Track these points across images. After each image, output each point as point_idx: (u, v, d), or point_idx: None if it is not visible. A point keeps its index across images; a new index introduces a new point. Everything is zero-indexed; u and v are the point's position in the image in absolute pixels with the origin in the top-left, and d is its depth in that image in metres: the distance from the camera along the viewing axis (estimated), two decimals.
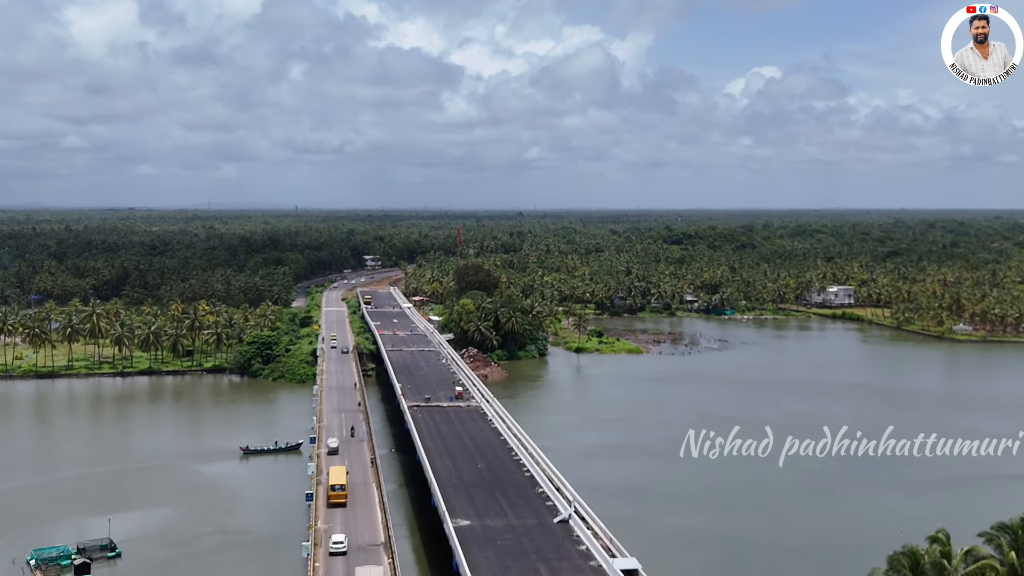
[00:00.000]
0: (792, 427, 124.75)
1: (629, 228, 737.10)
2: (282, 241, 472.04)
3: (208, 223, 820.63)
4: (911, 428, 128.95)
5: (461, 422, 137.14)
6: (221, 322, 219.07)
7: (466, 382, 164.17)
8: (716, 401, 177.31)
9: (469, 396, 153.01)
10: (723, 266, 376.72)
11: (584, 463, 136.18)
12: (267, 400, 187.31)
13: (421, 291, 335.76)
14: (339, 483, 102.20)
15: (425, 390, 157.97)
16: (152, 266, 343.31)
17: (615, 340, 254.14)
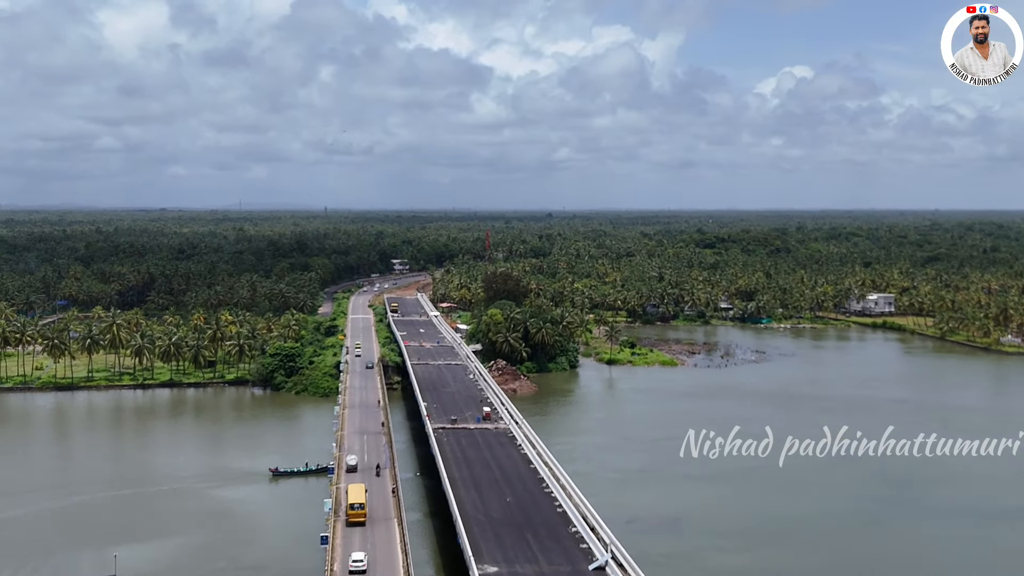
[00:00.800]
0: (794, 429, 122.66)
1: (660, 230, 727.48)
2: (310, 245, 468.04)
3: (238, 224, 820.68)
4: (911, 428, 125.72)
5: (489, 447, 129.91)
6: (244, 333, 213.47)
7: (494, 400, 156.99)
8: (757, 420, 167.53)
9: (497, 417, 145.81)
10: (758, 272, 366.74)
11: (618, 490, 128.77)
12: (290, 415, 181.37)
13: (449, 298, 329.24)
14: (358, 502, 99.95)
15: (451, 409, 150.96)
16: (178, 271, 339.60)
17: (648, 351, 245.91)
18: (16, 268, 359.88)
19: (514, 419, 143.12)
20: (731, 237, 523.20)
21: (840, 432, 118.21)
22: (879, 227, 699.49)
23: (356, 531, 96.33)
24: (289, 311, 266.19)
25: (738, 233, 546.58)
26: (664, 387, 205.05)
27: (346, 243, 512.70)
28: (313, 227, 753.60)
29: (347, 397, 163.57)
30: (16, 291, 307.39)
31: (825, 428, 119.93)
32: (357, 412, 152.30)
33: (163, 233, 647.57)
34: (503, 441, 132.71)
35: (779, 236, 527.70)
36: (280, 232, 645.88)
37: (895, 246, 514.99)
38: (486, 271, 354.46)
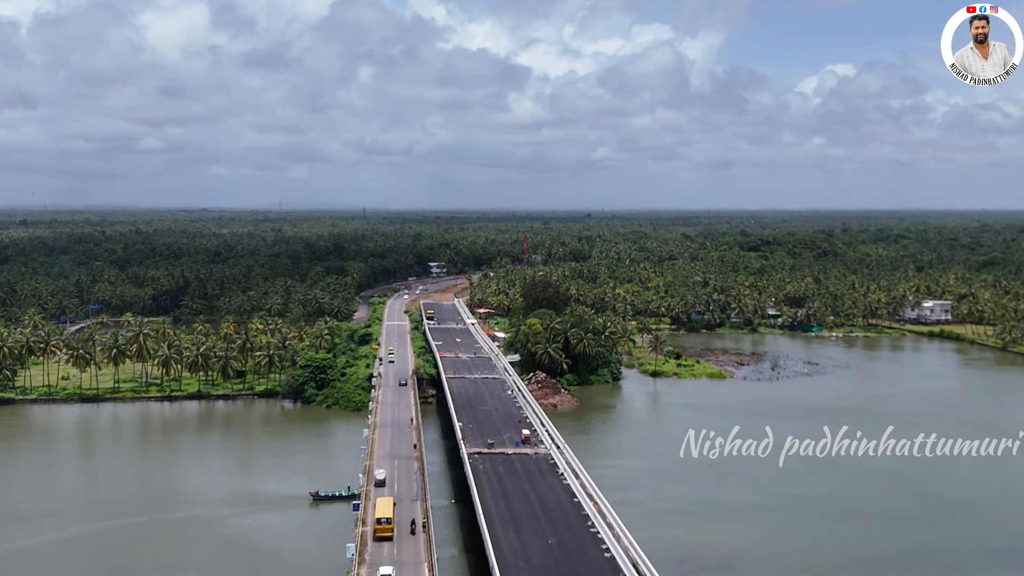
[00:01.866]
0: (797, 431, 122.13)
1: (701, 231, 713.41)
2: (347, 248, 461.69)
3: (277, 225, 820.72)
4: (911, 428, 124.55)
5: (528, 476, 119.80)
6: (274, 343, 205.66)
7: (534, 420, 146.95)
8: (818, 442, 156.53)
9: (537, 440, 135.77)
10: (807, 277, 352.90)
11: (670, 523, 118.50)
12: (322, 431, 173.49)
13: (486, 303, 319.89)
14: (385, 516, 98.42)
15: (488, 431, 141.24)
16: (212, 275, 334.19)
17: (694, 362, 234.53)
18: (52, 271, 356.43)
19: (555, 443, 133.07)
20: (776, 239, 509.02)
21: (840, 432, 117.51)
22: (927, 228, 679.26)
23: (384, 546, 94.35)
24: (323, 318, 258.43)
25: (783, 235, 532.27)
26: (713, 402, 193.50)
27: (383, 245, 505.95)
28: (351, 228, 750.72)
29: (378, 415, 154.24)
30: (49, 296, 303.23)
31: (825, 428, 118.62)
32: (388, 433, 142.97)
33: (202, 234, 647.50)
34: (544, 469, 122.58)
35: (826, 238, 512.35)
36: (318, 233, 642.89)
37: (946, 249, 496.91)
38: (524, 276, 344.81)
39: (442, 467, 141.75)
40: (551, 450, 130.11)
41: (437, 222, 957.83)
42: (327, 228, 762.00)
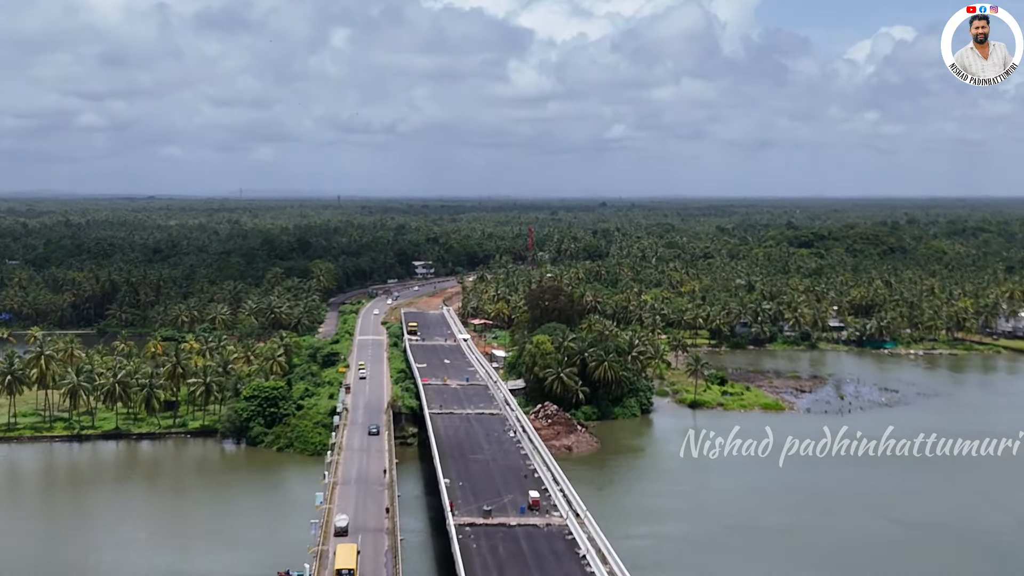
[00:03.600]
0: (794, 429, 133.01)
1: (738, 223, 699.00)
2: (313, 244, 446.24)
3: (235, 215, 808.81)
4: (910, 428, 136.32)
5: (538, 559, 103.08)
6: (212, 367, 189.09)
7: (544, 475, 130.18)
8: (922, 503, 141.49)
9: (549, 505, 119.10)
10: (876, 280, 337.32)
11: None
12: (271, 483, 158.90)
13: (482, 312, 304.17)
14: (347, 567, 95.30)
15: (484, 491, 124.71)
16: (147, 278, 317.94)
17: (743, 389, 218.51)
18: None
19: (573, 507, 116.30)
20: (832, 233, 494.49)
21: (840, 432, 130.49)
22: (1008, 220, 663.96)
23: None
24: (279, 332, 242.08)
25: (840, 228, 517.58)
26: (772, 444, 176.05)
27: (359, 240, 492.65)
28: (323, 219, 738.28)
29: (340, 467, 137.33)
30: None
31: (825, 428, 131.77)
32: (352, 494, 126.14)
33: (144, 227, 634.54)
34: (559, 549, 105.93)
35: (891, 232, 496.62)
36: (282, 226, 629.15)
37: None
38: (529, 279, 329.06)
39: (425, 536, 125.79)
40: (567, 518, 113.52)
41: (425, 212, 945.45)
42: (294, 219, 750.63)
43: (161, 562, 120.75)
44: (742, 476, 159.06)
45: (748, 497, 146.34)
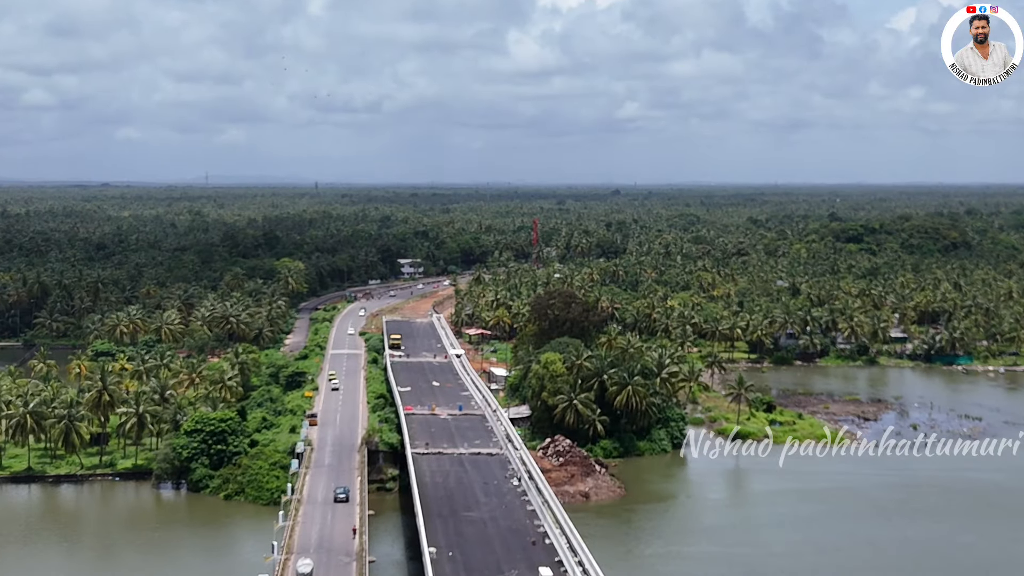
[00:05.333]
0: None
1: (772, 215, 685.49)
2: (282, 239, 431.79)
3: (198, 205, 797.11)
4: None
5: None
6: (147, 393, 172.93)
7: (558, 544, 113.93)
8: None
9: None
10: (943, 282, 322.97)
11: None
12: (217, 541, 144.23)
13: (479, 320, 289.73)
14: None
15: (481, 565, 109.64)
16: (82, 280, 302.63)
17: (795, 417, 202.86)
18: None
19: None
20: (884, 226, 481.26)
21: (840, 432, 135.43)
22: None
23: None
24: (237, 346, 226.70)
25: (893, 221, 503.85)
26: (834, 490, 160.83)
27: (336, 235, 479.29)
28: (297, 209, 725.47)
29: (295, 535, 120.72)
30: None
31: (825, 428, 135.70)
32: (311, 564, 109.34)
33: (93, 218, 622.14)
34: None
35: (952, 225, 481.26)
36: (250, 217, 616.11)
37: None
38: (534, 282, 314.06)
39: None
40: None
41: (414, 201, 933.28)
42: (265, 209, 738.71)
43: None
44: (801, 531, 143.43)
45: (815, 561, 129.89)
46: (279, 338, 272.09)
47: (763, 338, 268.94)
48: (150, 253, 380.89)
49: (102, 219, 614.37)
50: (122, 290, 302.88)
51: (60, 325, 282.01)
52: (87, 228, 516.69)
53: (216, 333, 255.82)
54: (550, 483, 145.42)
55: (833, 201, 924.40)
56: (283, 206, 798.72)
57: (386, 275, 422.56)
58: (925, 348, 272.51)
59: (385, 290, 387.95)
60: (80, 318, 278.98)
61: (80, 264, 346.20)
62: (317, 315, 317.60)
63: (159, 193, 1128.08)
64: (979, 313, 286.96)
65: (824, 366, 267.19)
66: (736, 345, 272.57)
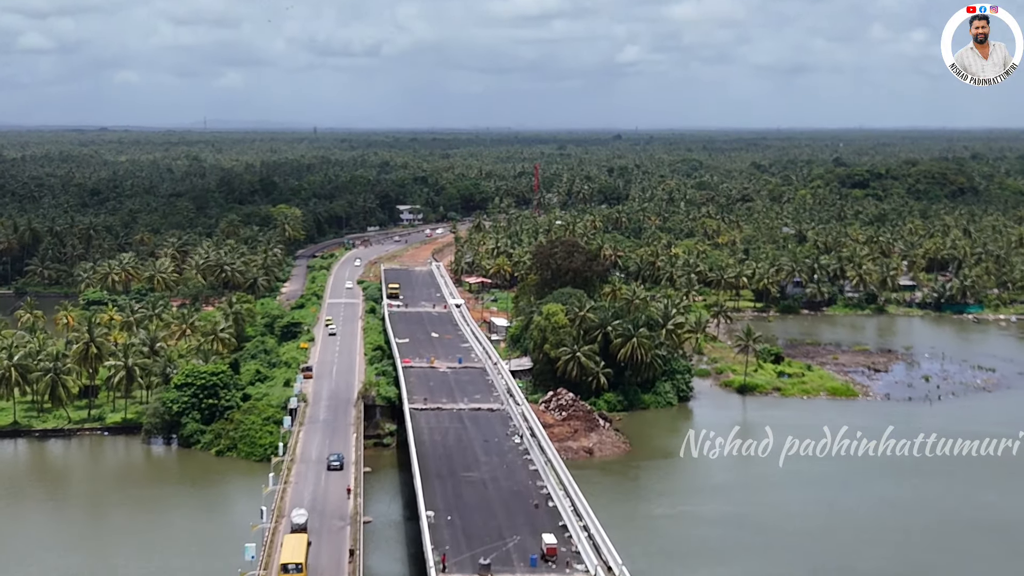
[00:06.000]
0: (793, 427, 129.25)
1: (775, 160, 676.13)
2: (279, 185, 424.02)
3: (196, 150, 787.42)
4: (910, 428, 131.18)
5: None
6: (136, 345, 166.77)
7: (562, 504, 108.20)
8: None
9: (569, 554, 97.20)
10: (953, 229, 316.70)
11: None
12: (208, 500, 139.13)
13: (479, 268, 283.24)
14: (294, 561, 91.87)
15: (481, 531, 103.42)
16: (75, 227, 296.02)
17: (804, 368, 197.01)
18: None
19: (603, 556, 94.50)
20: (890, 171, 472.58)
21: (840, 432, 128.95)
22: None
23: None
24: (231, 295, 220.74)
25: (899, 166, 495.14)
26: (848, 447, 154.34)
27: (334, 180, 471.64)
28: (296, 155, 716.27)
29: (288, 492, 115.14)
30: None
31: (825, 428, 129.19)
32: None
33: (89, 163, 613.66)
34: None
35: (959, 171, 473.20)
36: (247, 163, 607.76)
37: None
38: (535, 229, 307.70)
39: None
40: (596, 572, 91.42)
41: (413, 147, 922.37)
42: (263, 155, 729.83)
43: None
44: (813, 490, 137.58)
45: (828, 523, 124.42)
46: (275, 286, 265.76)
47: (769, 287, 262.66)
48: (145, 199, 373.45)
49: (98, 164, 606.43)
50: (115, 237, 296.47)
51: (52, 273, 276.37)
52: (83, 173, 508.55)
53: (210, 281, 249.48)
54: (552, 438, 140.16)
55: (836, 146, 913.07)
56: (281, 151, 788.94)
57: (385, 222, 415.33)
58: (935, 296, 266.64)
59: (384, 237, 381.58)
60: (72, 266, 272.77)
61: (73, 210, 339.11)
62: (314, 263, 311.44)
63: (157, 138, 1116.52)
64: (990, 260, 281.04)
65: (831, 315, 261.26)
66: (741, 294, 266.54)
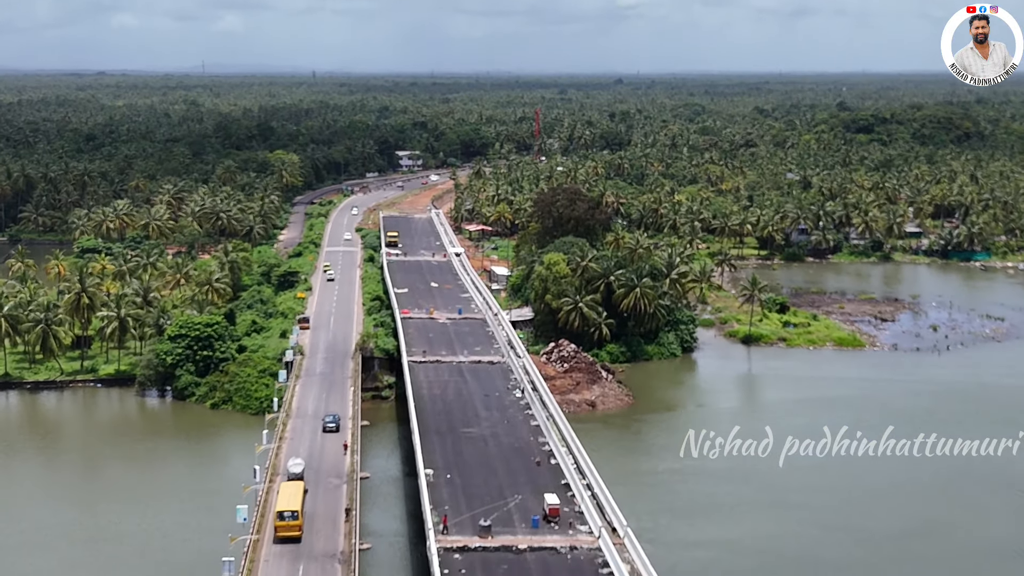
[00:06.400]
0: (792, 427, 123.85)
1: (778, 104, 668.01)
2: (277, 131, 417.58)
3: (193, 94, 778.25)
4: (911, 428, 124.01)
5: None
6: (128, 295, 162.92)
7: (564, 462, 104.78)
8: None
9: (573, 515, 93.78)
10: (960, 175, 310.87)
11: None
12: (202, 455, 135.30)
13: (480, 215, 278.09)
14: (290, 509, 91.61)
15: (481, 490, 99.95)
16: (69, 173, 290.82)
17: (809, 318, 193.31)
18: None
19: (607, 515, 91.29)
20: (895, 116, 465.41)
21: (840, 432, 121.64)
22: None
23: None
24: (227, 242, 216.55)
25: (904, 111, 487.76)
26: (857, 399, 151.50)
27: (333, 125, 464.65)
28: (294, 99, 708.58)
29: (283, 449, 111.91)
30: None
31: (825, 428, 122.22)
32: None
33: (86, 107, 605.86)
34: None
35: (965, 115, 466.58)
36: (245, 107, 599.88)
37: None
38: (536, 175, 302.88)
39: (402, 548, 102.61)
40: (601, 537, 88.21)
41: (413, 91, 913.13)
42: (261, 99, 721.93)
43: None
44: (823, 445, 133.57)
45: (840, 479, 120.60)
46: (272, 234, 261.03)
47: (774, 234, 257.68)
48: (141, 144, 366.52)
49: (95, 109, 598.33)
50: (111, 183, 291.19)
51: (46, 220, 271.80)
52: (79, 118, 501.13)
53: (206, 229, 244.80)
54: (554, 391, 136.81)
55: (839, 90, 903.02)
56: (280, 95, 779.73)
57: (384, 168, 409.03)
58: (941, 244, 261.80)
59: (383, 183, 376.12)
60: (67, 213, 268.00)
61: (68, 156, 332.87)
62: (312, 210, 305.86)
63: (155, 82, 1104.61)
64: (997, 207, 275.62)
65: (836, 263, 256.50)
66: (745, 241, 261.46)
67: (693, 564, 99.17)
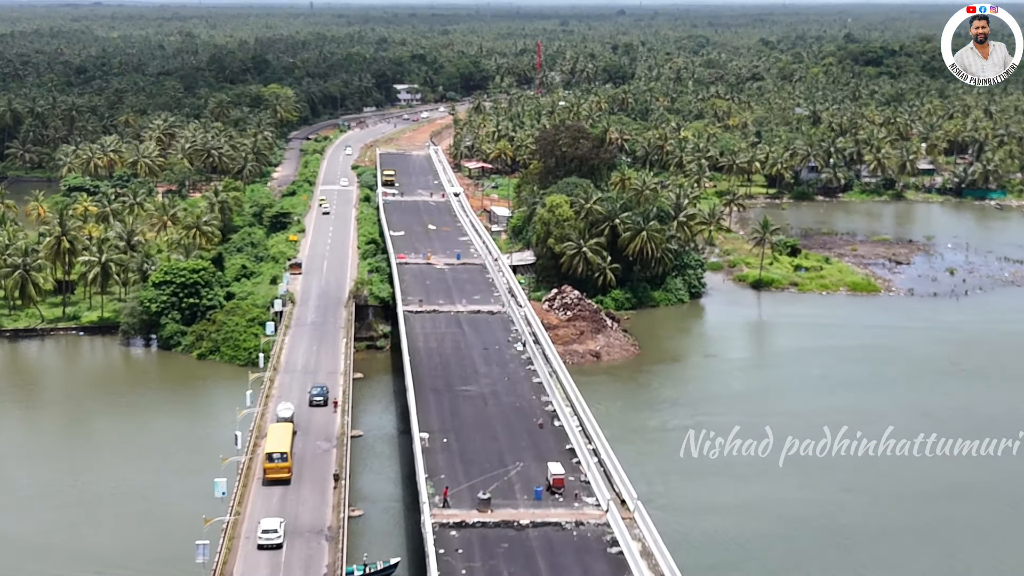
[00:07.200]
0: (792, 426, 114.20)
1: (784, 36, 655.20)
2: (272, 64, 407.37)
3: (189, 26, 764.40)
4: (911, 428, 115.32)
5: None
6: (111, 239, 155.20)
7: (569, 424, 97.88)
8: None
9: (579, 485, 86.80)
10: (974, 110, 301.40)
11: None
12: (188, 408, 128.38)
13: (479, 152, 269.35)
14: (279, 450, 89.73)
15: (480, 456, 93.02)
16: (57, 108, 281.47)
17: (822, 261, 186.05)
18: None
19: (615, 486, 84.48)
20: (904, 48, 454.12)
21: (840, 432, 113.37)
22: None
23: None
24: (219, 180, 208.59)
25: (914, 42, 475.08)
26: (874, 348, 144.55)
27: (330, 58, 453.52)
28: (291, 30, 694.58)
29: (268, 407, 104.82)
30: None
31: (825, 428, 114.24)
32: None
33: (80, 39, 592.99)
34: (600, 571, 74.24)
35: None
36: (241, 39, 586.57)
37: None
38: (538, 111, 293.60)
39: (396, 518, 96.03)
40: (609, 511, 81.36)
41: (412, 22, 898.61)
42: (258, 31, 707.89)
43: (41, 532, 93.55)
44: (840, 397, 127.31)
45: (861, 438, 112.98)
46: (266, 172, 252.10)
47: (783, 172, 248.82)
48: (132, 78, 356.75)
49: (89, 40, 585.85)
50: (100, 119, 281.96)
51: (34, 156, 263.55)
52: (72, 50, 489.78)
53: (197, 166, 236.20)
54: (557, 341, 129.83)
55: (845, 21, 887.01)
56: (277, 27, 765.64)
57: (381, 102, 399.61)
58: (955, 181, 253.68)
59: (381, 117, 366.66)
60: (54, 149, 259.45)
61: (57, 90, 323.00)
62: (307, 146, 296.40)
63: (151, 13, 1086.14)
64: (1013, 143, 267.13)
65: (847, 201, 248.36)
66: (753, 179, 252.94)
67: (703, 536, 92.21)
